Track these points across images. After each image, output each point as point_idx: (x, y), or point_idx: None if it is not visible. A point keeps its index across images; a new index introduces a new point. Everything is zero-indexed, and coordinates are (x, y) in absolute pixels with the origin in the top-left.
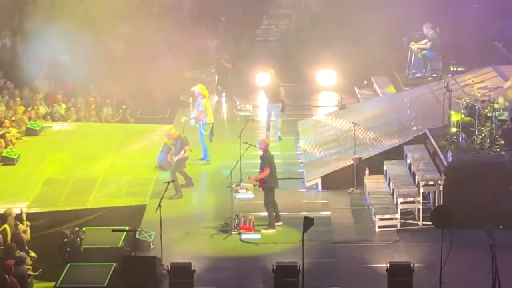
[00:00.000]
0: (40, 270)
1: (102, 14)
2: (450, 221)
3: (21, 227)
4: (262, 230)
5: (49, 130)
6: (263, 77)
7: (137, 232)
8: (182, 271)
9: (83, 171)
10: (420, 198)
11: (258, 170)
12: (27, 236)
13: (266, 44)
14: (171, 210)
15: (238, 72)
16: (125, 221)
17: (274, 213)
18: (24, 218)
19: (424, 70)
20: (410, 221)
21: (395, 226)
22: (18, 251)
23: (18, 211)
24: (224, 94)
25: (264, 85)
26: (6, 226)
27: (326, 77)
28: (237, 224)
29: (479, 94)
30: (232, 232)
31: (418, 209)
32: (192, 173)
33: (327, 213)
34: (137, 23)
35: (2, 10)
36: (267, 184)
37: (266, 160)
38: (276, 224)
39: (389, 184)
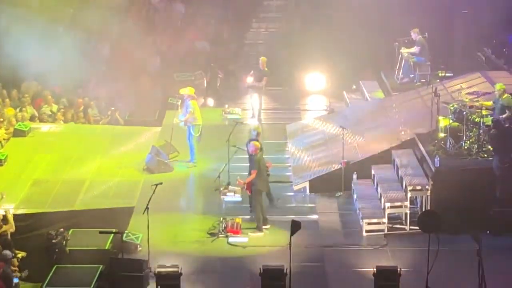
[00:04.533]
0: (25, 271)
1: (91, 15)
2: (437, 226)
3: (6, 227)
4: (250, 233)
5: (37, 131)
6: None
7: (124, 234)
8: (169, 274)
9: (71, 172)
10: (407, 203)
11: (246, 173)
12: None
13: (255, 47)
14: (159, 212)
15: (230, 75)
16: (112, 223)
17: (262, 216)
18: (10, 219)
19: (412, 75)
20: (398, 226)
21: (382, 230)
22: (3, 251)
23: (3, 212)
24: (212, 100)
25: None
26: None
27: (315, 81)
28: (224, 227)
29: (467, 100)
30: (220, 235)
31: (406, 214)
32: (180, 176)
33: (315, 216)
34: (126, 25)
35: None
36: (256, 186)
37: (255, 163)
38: (264, 227)
39: (376, 189)
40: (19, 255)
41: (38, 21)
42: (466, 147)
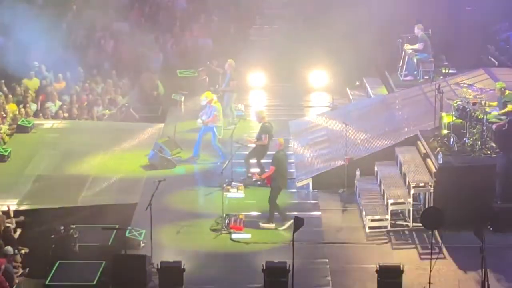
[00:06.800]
0: (27, 269)
1: (94, 12)
2: (440, 223)
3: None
4: (261, 223)
5: (40, 127)
6: (256, 77)
7: (127, 231)
8: (172, 270)
9: (74, 168)
10: (410, 200)
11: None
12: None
13: (259, 44)
14: (162, 208)
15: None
16: (115, 219)
17: (275, 210)
18: (12, 215)
19: (415, 72)
20: (400, 222)
21: (385, 227)
22: (5, 247)
23: (5, 208)
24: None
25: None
26: None
27: (318, 78)
28: (227, 223)
29: (470, 96)
30: (223, 231)
31: (409, 211)
32: (183, 172)
33: (318, 213)
34: (129, 22)
35: None
36: (276, 183)
37: (275, 159)
38: (286, 223)
39: (379, 185)
40: (22, 251)
41: (41, 17)
42: (469, 144)
